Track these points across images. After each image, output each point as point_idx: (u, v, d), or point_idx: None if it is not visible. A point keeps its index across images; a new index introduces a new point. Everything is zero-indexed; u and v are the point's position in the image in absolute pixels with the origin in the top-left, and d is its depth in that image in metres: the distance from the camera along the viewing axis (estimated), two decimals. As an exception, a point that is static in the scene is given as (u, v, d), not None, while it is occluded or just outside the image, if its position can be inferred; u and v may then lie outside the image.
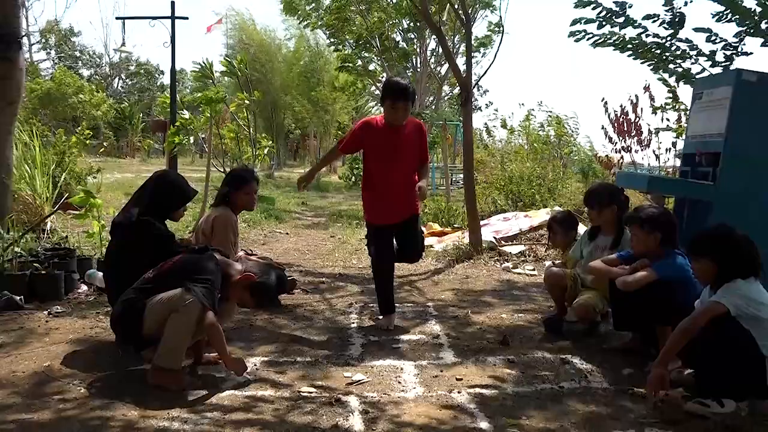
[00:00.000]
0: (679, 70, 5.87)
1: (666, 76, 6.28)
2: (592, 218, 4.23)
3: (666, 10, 5.57)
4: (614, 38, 5.81)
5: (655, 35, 5.72)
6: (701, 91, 4.63)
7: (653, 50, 5.77)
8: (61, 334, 3.79)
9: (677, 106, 7.63)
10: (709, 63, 5.67)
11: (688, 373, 3.17)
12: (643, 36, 5.74)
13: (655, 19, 5.64)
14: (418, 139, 4.25)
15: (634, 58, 5.94)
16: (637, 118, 9.14)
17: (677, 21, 5.56)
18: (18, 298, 4.29)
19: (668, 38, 5.68)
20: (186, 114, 8.01)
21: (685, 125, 7.09)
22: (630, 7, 5.61)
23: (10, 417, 2.66)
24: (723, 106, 4.22)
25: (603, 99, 9.64)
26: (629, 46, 5.80)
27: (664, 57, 5.76)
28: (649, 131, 8.65)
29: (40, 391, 2.94)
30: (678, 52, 5.71)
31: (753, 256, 2.89)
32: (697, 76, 5.62)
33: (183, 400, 2.89)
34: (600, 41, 5.87)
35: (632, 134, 9.12)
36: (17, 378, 3.09)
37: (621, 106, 9.54)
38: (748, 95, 4.13)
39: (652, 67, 6.00)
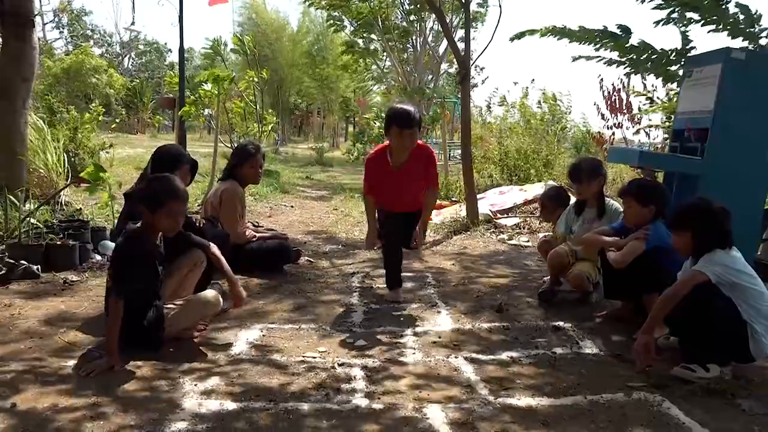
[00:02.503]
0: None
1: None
2: (580, 192, 4.33)
3: None
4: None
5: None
6: (691, 68, 4.69)
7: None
8: (76, 301, 3.94)
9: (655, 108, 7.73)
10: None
11: (674, 340, 3.29)
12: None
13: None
14: (424, 168, 4.17)
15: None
16: (628, 97, 9.24)
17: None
18: (35, 267, 4.44)
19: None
20: (208, 86, 8.12)
21: (662, 103, 7.17)
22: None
23: (27, 378, 2.80)
24: (712, 84, 4.29)
25: (599, 76, 9.83)
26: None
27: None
28: (639, 109, 8.74)
29: (56, 354, 3.08)
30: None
31: (729, 229, 2.99)
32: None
33: (189, 365, 3.02)
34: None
35: (623, 112, 9.25)
36: (35, 342, 3.22)
37: (613, 84, 9.72)
38: (737, 73, 4.20)
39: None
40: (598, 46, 5.72)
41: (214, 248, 3.38)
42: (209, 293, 3.31)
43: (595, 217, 4.25)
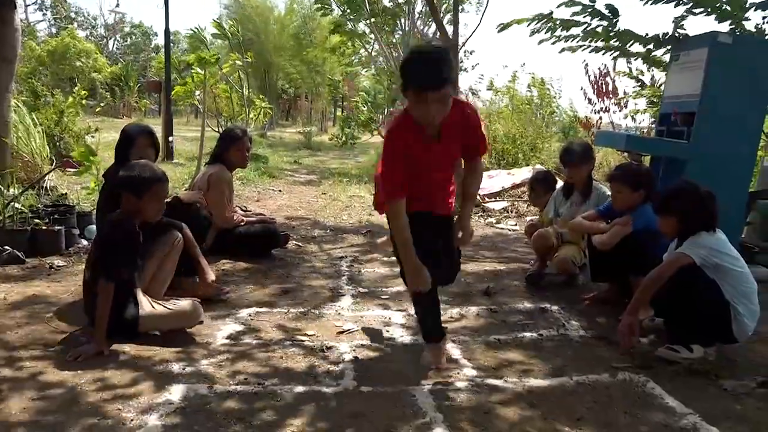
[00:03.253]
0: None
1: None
2: (571, 175, 4.35)
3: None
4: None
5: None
6: (678, 53, 4.71)
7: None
8: (62, 286, 3.92)
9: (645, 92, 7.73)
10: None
11: (659, 322, 3.33)
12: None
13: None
14: (461, 133, 2.78)
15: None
16: (614, 81, 9.29)
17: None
18: (20, 252, 4.41)
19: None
20: (200, 71, 8.07)
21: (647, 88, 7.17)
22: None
23: (16, 365, 2.79)
24: (699, 68, 4.32)
25: (584, 61, 9.85)
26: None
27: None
28: (625, 93, 8.79)
29: (43, 339, 3.06)
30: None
31: (715, 210, 3.02)
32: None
33: (179, 346, 3.03)
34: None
35: (610, 96, 9.29)
36: (21, 328, 3.20)
37: (599, 68, 9.75)
38: (723, 57, 4.23)
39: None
40: (585, 35, 5.67)
41: (187, 229, 3.46)
42: (192, 308, 3.21)
43: (582, 200, 4.28)
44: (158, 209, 3.17)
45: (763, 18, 5.10)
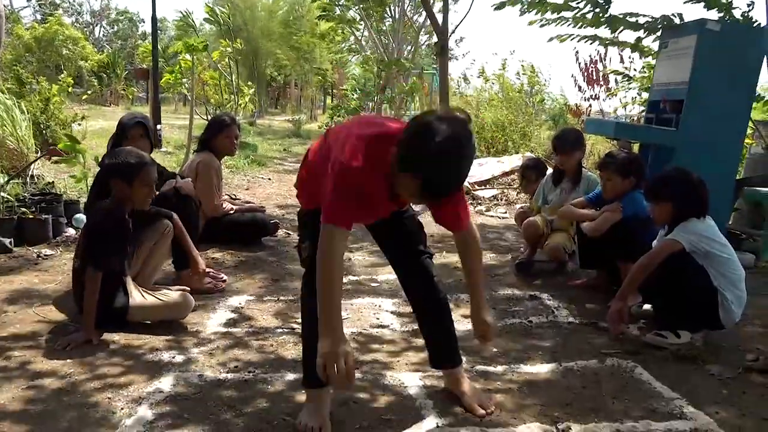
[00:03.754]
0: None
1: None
2: (562, 162, 4.36)
3: None
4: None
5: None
6: (667, 40, 4.72)
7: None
8: (50, 275, 3.90)
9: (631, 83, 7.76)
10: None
11: (648, 308, 3.36)
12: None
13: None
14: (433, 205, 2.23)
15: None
16: (605, 68, 9.29)
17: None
18: (7, 241, 4.37)
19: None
20: (188, 57, 8.02)
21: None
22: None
23: (4, 354, 2.78)
24: (687, 55, 4.33)
25: (575, 48, 9.86)
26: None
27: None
28: (616, 81, 8.81)
29: (32, 329, 3.05)
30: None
31: (706, 197, 3.04)
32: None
33: (169, 335, 3.02)
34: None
35: (600, 83, 9.31)
36: (9, 318, 3.18)
37: (590, 55, 9.76)
38: (712, 44, 4.24)
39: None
40: (575, 20, 5.66)
41: (176, 218, 3.45)
42: (182, 299, 3.21)
43: (572, 186, 4.30)
44: (148, 195, 3.14)
45: (748, 5, 5.10)
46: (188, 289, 3.30)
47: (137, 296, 3.10)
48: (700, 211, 3.02)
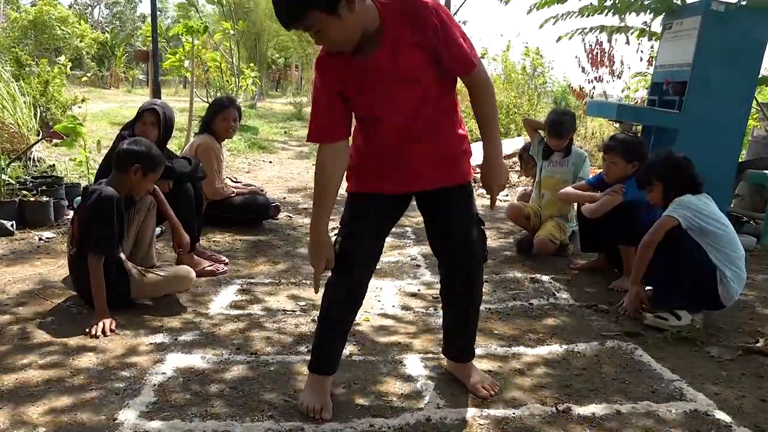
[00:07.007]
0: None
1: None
2: (557, 145, 4.38)
3: None
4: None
5: None
6: (671, 21, 4.68)
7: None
8: (52, 258, 3.91)
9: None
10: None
11: (648, 290, 3.36)
12: None
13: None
14: (419, 35, 1.89)
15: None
16: (611, 48, 9.23)
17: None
18: (9, 224, 4.38)
19: None
20: (190, 39, 7.99)
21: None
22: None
23: (5, 337, 2.80)
24: (691, 36, 4.30)
25: (580, 29, 9.79)
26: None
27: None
28: (621, 62, 8.76)
29: (34, 312, 3.06)
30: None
31: (694, 172, 3.07)
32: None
33: (170, 319, 3.04)
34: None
35: (605, 64, 9.24)
36: (11, 300, 3.19)
37: (596, 36, 9.61)
38: (716, 25, 4.20)
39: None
40: (580, 11, 5.62)
41: (157, 190, 3.46)
42: (183, 271, 3.27)
43: (561, 158, 4.40)
44: (149, 189, 3.29)
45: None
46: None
47: (136, 274, 3.11)
48: (692, 187, 3.04)
